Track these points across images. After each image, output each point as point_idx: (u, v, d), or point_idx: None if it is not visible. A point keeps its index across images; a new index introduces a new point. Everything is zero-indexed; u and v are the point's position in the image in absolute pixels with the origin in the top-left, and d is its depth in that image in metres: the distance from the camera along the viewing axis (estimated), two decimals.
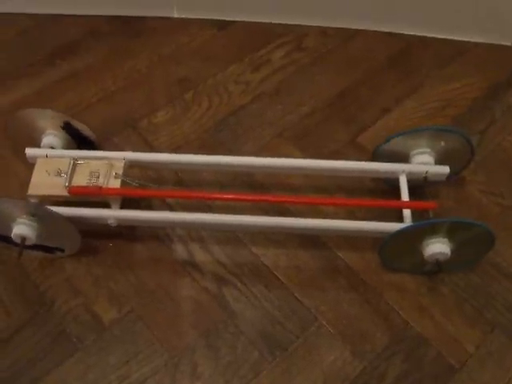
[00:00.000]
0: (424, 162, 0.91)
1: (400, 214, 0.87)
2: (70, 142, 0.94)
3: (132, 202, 0.89)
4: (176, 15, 1.30)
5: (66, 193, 0.85)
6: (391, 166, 0.91)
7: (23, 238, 0.83)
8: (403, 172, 0.90)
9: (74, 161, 0.87)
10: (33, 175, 0.87)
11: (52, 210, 0.82)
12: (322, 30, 1.28)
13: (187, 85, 1.17)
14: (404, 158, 0.93)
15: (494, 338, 0.85)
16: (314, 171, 0.93)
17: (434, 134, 0.90)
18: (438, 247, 0.82)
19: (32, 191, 0.85)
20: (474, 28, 1.23)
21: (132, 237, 0.94)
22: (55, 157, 0.89)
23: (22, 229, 0.82)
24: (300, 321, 0.86)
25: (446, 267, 0.86)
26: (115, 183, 0.86)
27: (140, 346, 0.83)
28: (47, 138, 0.92)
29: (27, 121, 0.91)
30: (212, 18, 1.29)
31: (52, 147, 0.92)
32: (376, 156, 0.94)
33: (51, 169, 0.87)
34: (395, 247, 0.85)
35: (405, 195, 0.88)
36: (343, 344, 0.84)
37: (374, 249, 0.89)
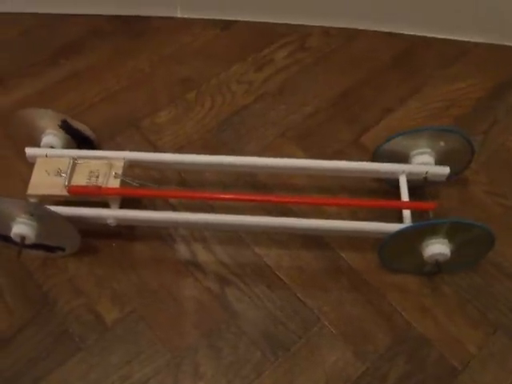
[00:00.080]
0: (424, 162, 0.90)
1: (402, 215, 0.86)
2: (69, 142, 0.94)
3: (132, 202, 0.89)
4: (179, 15, 1.30)
5: (65, 192, 0.85)
6: (391, 166, 0.91)
7: (23, 238, 0.83)
8: (403, 172, 0.90)
9: (74, 160, 0.87)
10: (32, 175, 0.87)
11: (51, 209, 0.82)
12: (325, 30, 1.27)
13: (190, 85, 1.17)
14: (404, 158, 0.93)
15: (497, 340, 0.84)
16: (317, 171, 0.93)
17: (434, 134, 0.89)
18: (437, 248, 0.82)
19: (31, 191, 0.86)
20: (475, 28, 1.23)
21: (134, 237, 0.94)
22: (55, 156, 0.89)
23: (21, 228, 0.82)
24: (302, 321, 0.86)
25: (446, 268, 0.85)
26: (115, 183, 0.86)
27: (142, 346, 0.83)
28: (47, 138, 0.92)
29: (27, 120, 0.92)
30: (215, 17, 1.29)
31: (52, 147, 0.92)
32: (376, 156, 0.94)
33: (51, 168, 0.87)
34: (395, 248, 0.85)
35: (405, 196, 0.88)
36: (345, 344, 0.84)
37: (377, 249, 0.89)
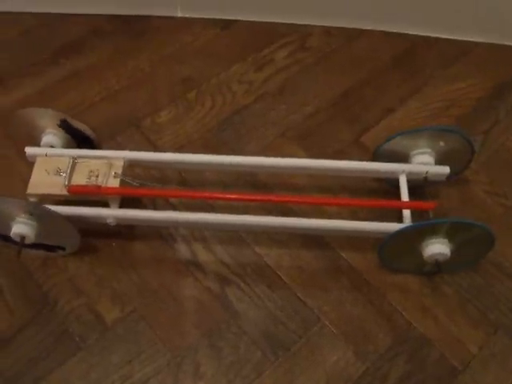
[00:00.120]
0: (424, 162, 0.90)
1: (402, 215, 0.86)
2: (69, 142, 0.94)
3: (132, 202, 0.89)
4: (180, 14, 1.30)
5: (65, 192, 0.85)
6: (391, 166, 0.90)
7: (22, 237, 0.83)
8: (403, 172, 0.90)
9: (74, 160, 0.87)
10: (32, 174, 0.87)
11: (50, 209, 0.82)
12: (326, 30, 1.27)
13: (190, 84, 1.17)
14: (404, 158, 0.92)
15: (498, 340, 0.84)
16: (317, 171, 0.93)
17: (434, 134, 0.89)
18: (437, 248, 0.82)
19: (31, 190, 0.86)
20: (475, 28, 1.23)
21: (135, 236, 0.94)
22: (55, 156, 0.89)
23: (20, 228, 0.82)
24: (303, 321, 0.86)
25: (446, 268, 0.85)
26: (114, 182, 0.86)
27: (143, 345, 0.83)
28: (47, 137, 0.92)
29: (27, 120, 0.91)
30: (215, 17, 1.29)
31: (52, 146, 0.92)
32: (376, 156, 0.94)
33: (50, 168, 0.87)
34: (394, 247, 0.85)
35: (404, 195, 0.88)
36: (346, 344, 0.84)
37: (377, 249, 0.89)
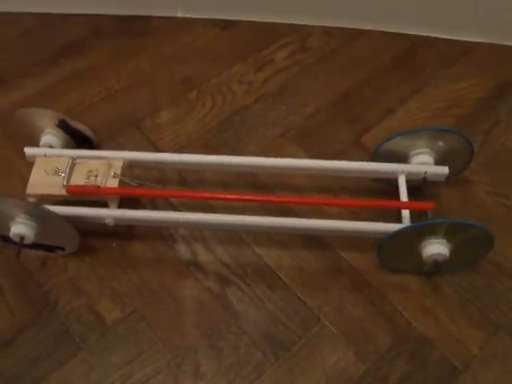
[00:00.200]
0: (423, 162, 0.90)
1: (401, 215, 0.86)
2: (68, 142, 0.94)
3: (131, 202, 0.89)
4: (180, 15, 1.30)
5: (64, 192, 0.85)
6: (390, 166, 0.90)
7: (21, 237, 0.83)
8: (402, 172, 0.90)
9: (73, 160, 0.87)
10: (31, 174, 0.87)
11: (49, 209, 0.82)
12: (326, 30, 1.27)
13: (191, 84, 1.17)
14: (403, 158, 0.92)
15: (498, 340, 0.84)
16: (317, 171, 0.93)
17: (434, 134, 0.89)
18: (436, 248, 0.81)
19: (30, 190, 0.86)
20: (475, 28, 1.23)
21: (135, 236, 0.94)
22: (54, 156, 0.89)
23: (20, 228, 0.82)
24: (303, 321, 0.86)
25: (445, 268, 0.85)
26: (113, 183, 0.86)
27: (143, 345, 0.83)
28: (46, 137, 0.92)
29: (26, 120, 0.92)
30: (216, 17, 1.29)
31: (51, 146, 0.92)
32: (376, 156, 0.93)
33: (49, 168, 0.87)
34: (394, 248, 0.85)
35: (404, 195, 0.88)
36: (346, 345, 0.84)
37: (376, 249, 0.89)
